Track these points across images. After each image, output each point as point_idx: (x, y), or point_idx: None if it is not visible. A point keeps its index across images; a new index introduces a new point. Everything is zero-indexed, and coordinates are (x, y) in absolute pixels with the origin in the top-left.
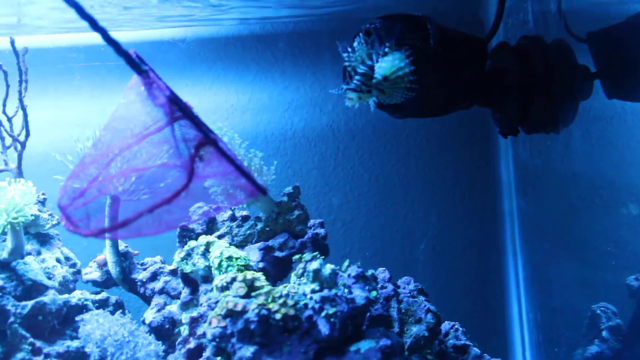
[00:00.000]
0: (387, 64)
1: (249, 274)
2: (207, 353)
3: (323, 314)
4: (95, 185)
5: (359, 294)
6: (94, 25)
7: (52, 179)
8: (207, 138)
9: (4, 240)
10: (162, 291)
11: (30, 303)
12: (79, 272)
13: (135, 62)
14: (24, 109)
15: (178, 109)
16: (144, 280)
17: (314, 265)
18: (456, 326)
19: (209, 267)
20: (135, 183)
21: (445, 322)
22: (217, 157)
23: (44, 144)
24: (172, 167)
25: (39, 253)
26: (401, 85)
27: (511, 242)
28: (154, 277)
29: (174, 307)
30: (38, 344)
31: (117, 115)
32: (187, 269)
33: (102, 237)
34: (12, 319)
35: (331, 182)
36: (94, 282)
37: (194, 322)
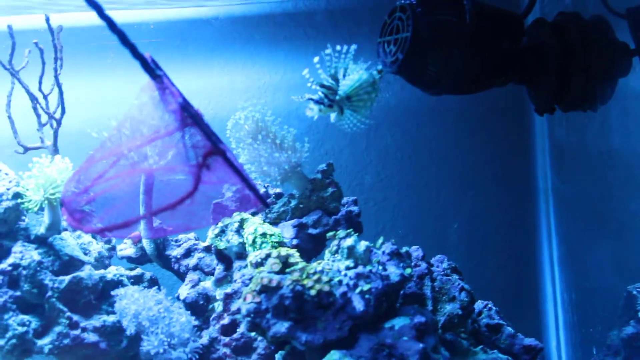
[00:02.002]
0: (352, 83)
1: (283, 251)
2: (242, 329)
3: (357, 290)
4: (101, 182)
5: (393, 271)
6: (112, 27)
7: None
8: (215, 147)
9: (42, 216)
10: (196, 267)
11: (67, 278)
12: (113, 248)
13: (150, 67)
14: (59, 86)
15: (189, 117)
16: (178, 256)
17: (349, 242)
18: (489, 305)
19: (242, 244)
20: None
21: (479, 301)
22: (224, 168)
23: (78, 121)
24: (178, 172)
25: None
26: (362, 107)
27: (546, 221)
28: (188, 253)
29: (208, 284)
30: (75, 318)
31: (129, 116)
32: (221, 245)
33: (104, 235)
34: (49, 293)
35: (363, 160)
36: (129, 259)
37: (228, 298)
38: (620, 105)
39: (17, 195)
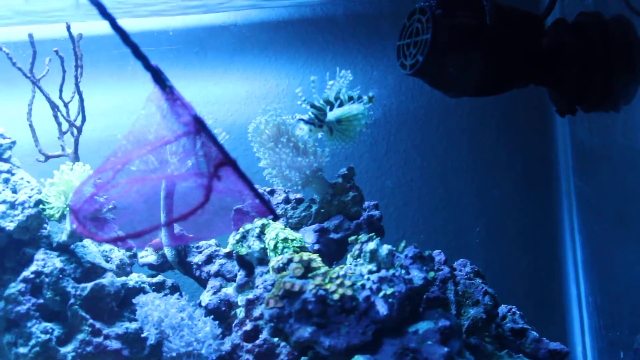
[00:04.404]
0: (345, 109)
1: (305, 255)
2: (264, 334)
3: (381, 294)
4: (115, 189)
5: (416, 275)
6: (125, 39)
7: None
8: (227, 158)
9: (64, 224)
10: (217, 274)
11: (89, 285)
12: (135, 255)
13: (161, 78)
14: (80, 94)
15: (202, 128)
16: (200, 263)
17: (371, 245)
18: (513, 309)
19: (264, 249)
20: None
21: (502, 305)
22: (234, 178)
23: (99, 129)
24: (190, 181)
25: None
26: (351, 133)
27: (569, 224)
28: (209, 260)
29: (229, 290)
30: (97, 325)
31: (138, 125)
32: (243, 251)
33: (117, 245)
34: (72, 300)
35: (383, 166)
36: (150, 266)
37: (250, 304)
38: None
39: (39, 203)
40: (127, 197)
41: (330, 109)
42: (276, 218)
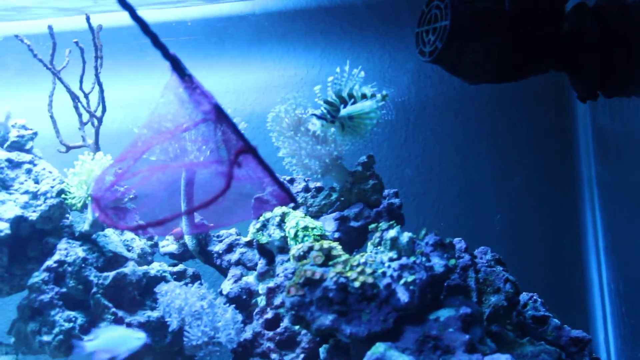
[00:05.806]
0: (357, 107)
1: (326, 243)
2: (285, 322)
3: (402, 281)
4: (136, 178)
5: (437, 262)
6: (145, 28)
7: None
8: (247, 145)
9: (85, 214)
10: (238, 262)
11: (111, 274)
12: (156, 244)
13: (180, 67)
14: (100, 84)
15: (222, 116)
16: (220, 252)
17: (392, 233)
18: (535, 297)
19: (284, 238)
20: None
21: (524, 293)
22: (254, 166)
23: (119, 120)
24: (210, 169)
25: None
26: (362, 130)
27: (590, 211)
28: (229, 248)
29: (250, 278)
30: (120, 313)
31: (157, 114)
32: (263, 239)
33: (139, 234)
34: (95, 289)
35: (402, 154)
36: (171, 255)
37: (271, 292)
38: None
39: (61, 193)
40: (147, 186)
41: (344, 106)
42: (297, 205)
